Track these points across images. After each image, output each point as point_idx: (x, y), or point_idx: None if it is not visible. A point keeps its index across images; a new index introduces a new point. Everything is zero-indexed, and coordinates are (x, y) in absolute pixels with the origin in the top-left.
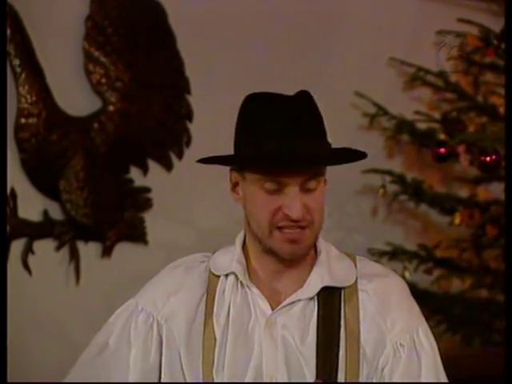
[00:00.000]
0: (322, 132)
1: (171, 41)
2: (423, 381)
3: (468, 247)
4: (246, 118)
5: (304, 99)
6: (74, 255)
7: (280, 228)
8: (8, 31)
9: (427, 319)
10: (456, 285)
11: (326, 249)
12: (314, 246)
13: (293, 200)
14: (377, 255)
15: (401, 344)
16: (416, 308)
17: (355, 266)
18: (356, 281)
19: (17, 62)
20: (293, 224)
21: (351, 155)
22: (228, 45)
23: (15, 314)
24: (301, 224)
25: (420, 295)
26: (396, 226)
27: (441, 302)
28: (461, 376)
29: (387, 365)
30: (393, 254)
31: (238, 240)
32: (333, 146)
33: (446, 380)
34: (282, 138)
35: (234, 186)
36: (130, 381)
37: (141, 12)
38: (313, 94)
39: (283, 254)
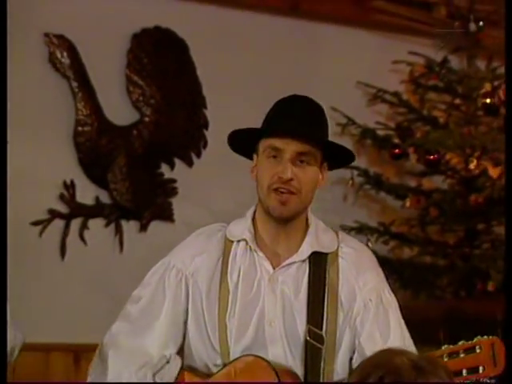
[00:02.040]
0: (315, 122)
1: (192, 68)
2: (391, 327)
3: (415, 224)
4: (269, 112)
5: (309, 101)
6: (119, 230)
7: (275, 190)
8: (68, 60)
9: (385, 278)
10: (406, 253)
11: (315, 223)
12: (306, 221)
13: (285, 165)
14: (347, 230)
15: (370, 299)
16: (382, 274)
17: (337, 237)
18: (338, 249)
19: (75, 84)
20: (284, 186)
21: (335, 146)
22: (234, 71)
23: (73, 275)
24: (290, 189)
25: (379, 261)
26: (361, 208)
27: (395, 265)
28: (411, 321)
29: (359, 316)
30: (359, 230)
31: (249, 213)
32: None
33: (405, 326)
34: (285, 121)
35: (253, 168)
36: (164, 322)
37: (169, 46)
38: None
39: (274, 212)
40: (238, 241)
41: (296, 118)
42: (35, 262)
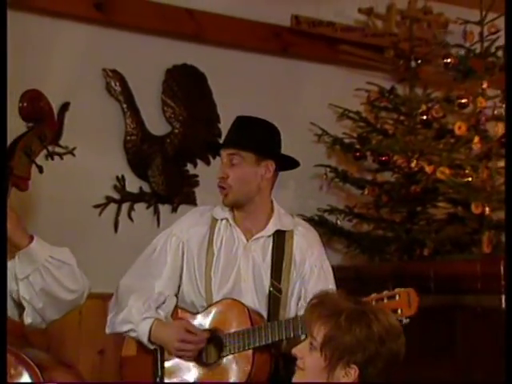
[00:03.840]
0: (247, 133)
1: (209, 93)
2: (326, 285)
3: (371, 207)
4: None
5: (249, 120)
6: (156, 211)
7: (219, 187)
8: (119, 88)
9: (349, 246)
10: (365, 227)
11: (278, 209)
12: (271, 207)
13: (221, 167)
14: (321, 211)
15: (315, 265)
16: (323, 249)
17: (293, 220)
18: (293, 228)
19: (125, 105)
20: (219, 184)
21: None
22: (240, 95)
23: (123, 244)
24: (222, 185)
25: (346, 233)
26: (332, 195)
27: (356, 237)
28: (368, 277)
29: (307, 275)
30: (331, 211)
31: None
32: (299, 152)
33: (334, 286)
34: (228, 136)
35: None
36: (166, 274)
37: (192, 78)
38: (289, 125)
39: (222, 202)
40: (222, 219)
41: (232, 132)
42: (96, 234)
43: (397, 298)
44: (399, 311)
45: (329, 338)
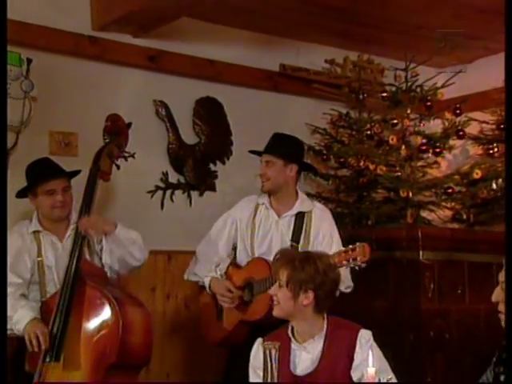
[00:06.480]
0: (277, 145)
1: (224, 116)
2: (332, 248)
3: (334, 192)
4: None
5: (280, 136)
6: (189, 196)
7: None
8: (164, 113)
9: None
10: (329, 206)
11: (301, 196)
12: (296, 195)
13: (261, 168)
14: None
15: (325, 235)
16: (333, 222)
17: (312, 203)
18: (312, 209)
19: (168, 124)
20: (261, 178)
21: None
22: (245, 117)
23: (167, 218)
24: (264, 179)
25: None
26: (308, 185)
27: None
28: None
29: (320, 242)
30: (308, 195)
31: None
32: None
33: (340, 245)
34: (266, 146)
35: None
36: (224, 242)
37: (213, 105)
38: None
39: (261, 190)
40: (262, 203)
41: (269, 144)
42: (148, 210)
43: (357, 250)
44: (358, 258)
45: (290, 276)
